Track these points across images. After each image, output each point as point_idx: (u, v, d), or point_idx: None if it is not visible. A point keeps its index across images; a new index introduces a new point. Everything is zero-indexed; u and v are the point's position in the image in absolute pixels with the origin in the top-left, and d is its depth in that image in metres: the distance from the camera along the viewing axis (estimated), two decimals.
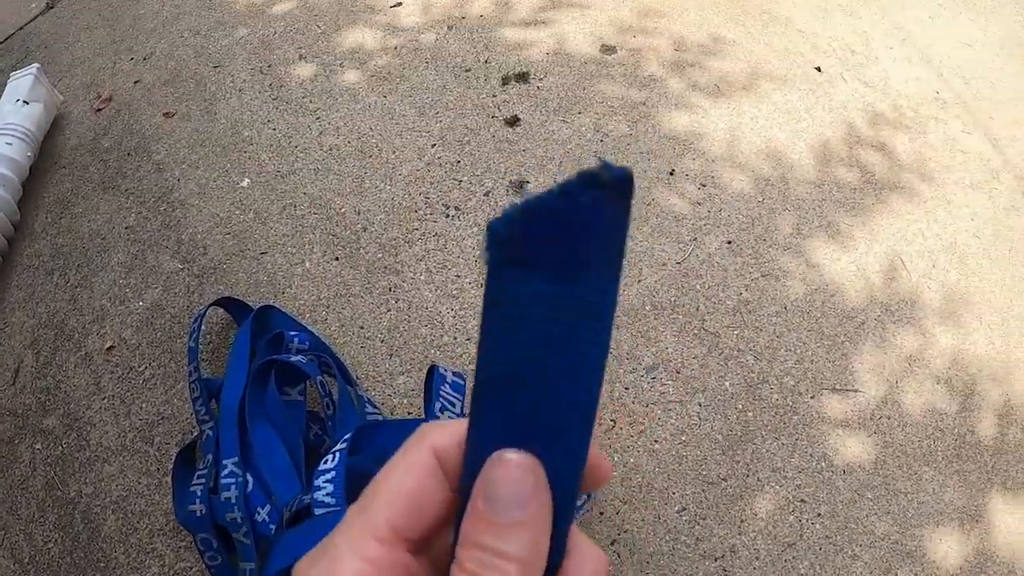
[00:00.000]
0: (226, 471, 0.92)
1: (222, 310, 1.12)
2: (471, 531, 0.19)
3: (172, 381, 1.11)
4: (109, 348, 1.16)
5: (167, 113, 1.47)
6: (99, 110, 1.53)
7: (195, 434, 1.04)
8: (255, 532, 0.88)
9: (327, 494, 0.80)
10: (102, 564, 0.99)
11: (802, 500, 1.00)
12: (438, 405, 0.89)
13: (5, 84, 1.45)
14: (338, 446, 0.85)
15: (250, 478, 0.91)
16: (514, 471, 0.19)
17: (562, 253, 0.17)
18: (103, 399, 1.12)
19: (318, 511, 0.79)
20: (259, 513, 0.89)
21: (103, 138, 1.46)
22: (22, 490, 1.07)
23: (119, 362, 1.15)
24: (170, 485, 1.03)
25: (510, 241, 0.17)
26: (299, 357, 0.99)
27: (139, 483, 1.05)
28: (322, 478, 0.81)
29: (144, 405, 1.10)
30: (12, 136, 1.35)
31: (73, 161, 1.44)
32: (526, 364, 0.18)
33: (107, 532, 1.01)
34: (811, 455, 1.04)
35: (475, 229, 1.19)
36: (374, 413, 0.99)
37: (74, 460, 1.07)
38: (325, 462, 0.83)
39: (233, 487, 0.89)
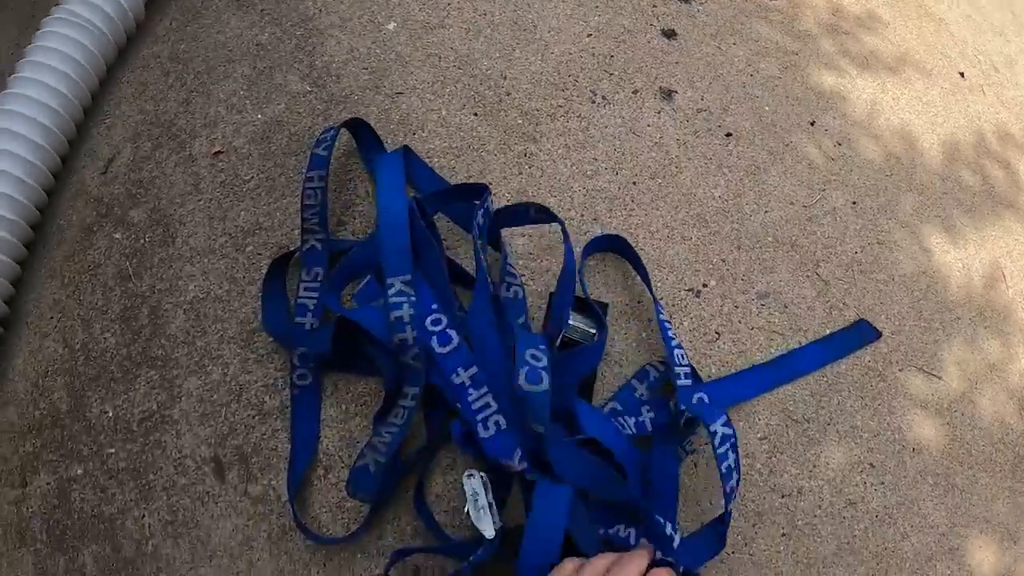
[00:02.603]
0: (393, 289, 0.85)
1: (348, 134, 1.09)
2: None
3: (279, 194, 1.08)
4: (216, 153, 1.12)
5: None
6: None
7: (297, 245, 1.01)
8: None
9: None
10: (159, 362, 0.96)
11: (871, 464, 1.00)
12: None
13: None
14: None
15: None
16: None
17: None
18: (199, 200, 1.08)
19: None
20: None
21: None
22: (90, 276, 1.03)
23: (224, 168, 1.11)
24: (256, 295, 0.99)
25: None
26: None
27: (220, 288, 1.01)
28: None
29: (243, 213, 1.06)
30: None
31: None
32: None
33: (172, 331, 0.98)
34: (888, 424, 1.04)
35: (619, 120, 1.17)
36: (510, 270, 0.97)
37: (154, 255, 1.03)
38: None
39: (406, 305, 0.83)
